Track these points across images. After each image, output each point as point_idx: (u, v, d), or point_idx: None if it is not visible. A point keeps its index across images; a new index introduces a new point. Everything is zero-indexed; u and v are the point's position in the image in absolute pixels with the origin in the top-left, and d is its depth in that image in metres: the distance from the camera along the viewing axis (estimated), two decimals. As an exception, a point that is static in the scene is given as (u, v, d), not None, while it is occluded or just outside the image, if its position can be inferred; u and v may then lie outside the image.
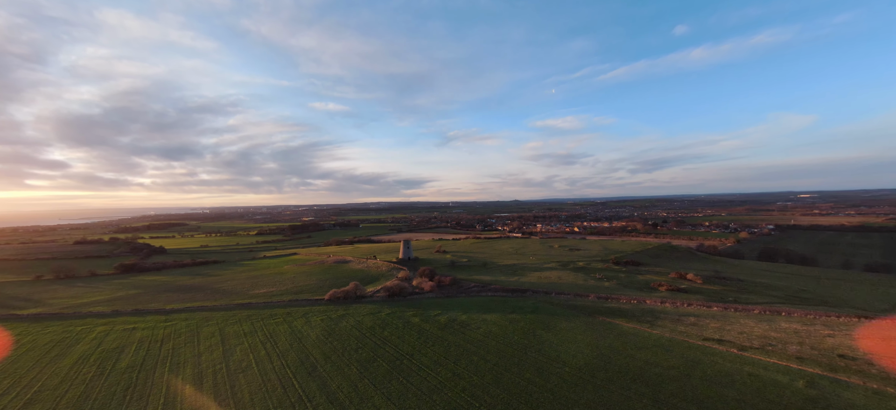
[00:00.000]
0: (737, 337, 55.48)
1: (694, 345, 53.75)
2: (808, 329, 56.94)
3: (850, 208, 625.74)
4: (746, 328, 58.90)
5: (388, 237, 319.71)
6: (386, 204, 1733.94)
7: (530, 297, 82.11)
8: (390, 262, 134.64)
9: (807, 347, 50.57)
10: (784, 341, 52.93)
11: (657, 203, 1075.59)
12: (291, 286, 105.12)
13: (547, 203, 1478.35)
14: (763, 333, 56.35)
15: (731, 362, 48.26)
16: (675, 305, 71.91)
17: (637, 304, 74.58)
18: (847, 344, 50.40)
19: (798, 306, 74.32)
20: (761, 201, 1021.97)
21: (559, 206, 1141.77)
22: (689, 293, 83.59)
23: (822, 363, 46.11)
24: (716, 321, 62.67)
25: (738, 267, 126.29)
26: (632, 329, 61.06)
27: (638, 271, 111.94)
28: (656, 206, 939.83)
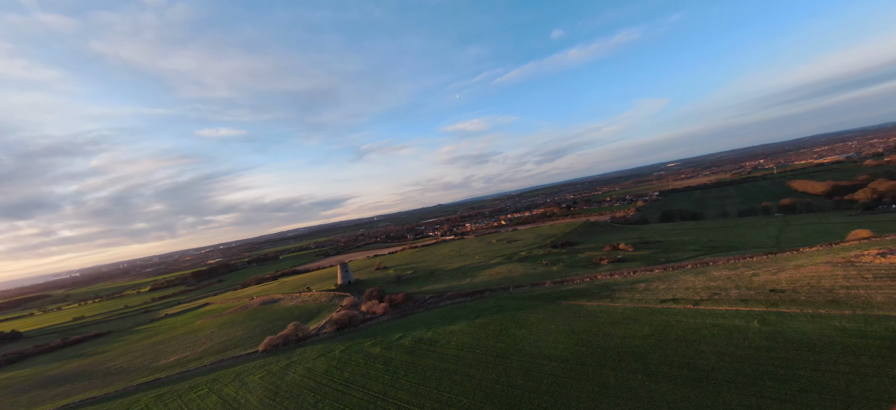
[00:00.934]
0: (685, 293, 59.74)
1: (656, 309, 56.26)
2: (736, 273, 63.99)
3: (705, 169, 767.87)
4: (689, 283, 64.00)
5: (316, 265, 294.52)
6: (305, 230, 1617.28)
7: (490, 297, 79.70)
8: (329, 290, 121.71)
9: (743, 289, 56.28)
10: (724, 288, 58.35)
11: (563, 188, 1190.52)
12: (211, 345, 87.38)
13: (469, 203, 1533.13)
14: (704, 285, 61.60)
15: (692, 318, 51.22)
16: (623, 275, 75.89)
17: (590, 282, 77.05)
18: (772, 280, 57.36)
19: (716, 254, 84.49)
20: (641, 174, 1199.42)
21: (480, 204, 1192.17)
22: (627, 261, 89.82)
23: (762, 301, 51.44)
24: (662, 282, 67.16)
25: (652, 230, 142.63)
26: (596, 307, 62.07)
27: (575, 250, 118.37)
28: (563, 190, 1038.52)
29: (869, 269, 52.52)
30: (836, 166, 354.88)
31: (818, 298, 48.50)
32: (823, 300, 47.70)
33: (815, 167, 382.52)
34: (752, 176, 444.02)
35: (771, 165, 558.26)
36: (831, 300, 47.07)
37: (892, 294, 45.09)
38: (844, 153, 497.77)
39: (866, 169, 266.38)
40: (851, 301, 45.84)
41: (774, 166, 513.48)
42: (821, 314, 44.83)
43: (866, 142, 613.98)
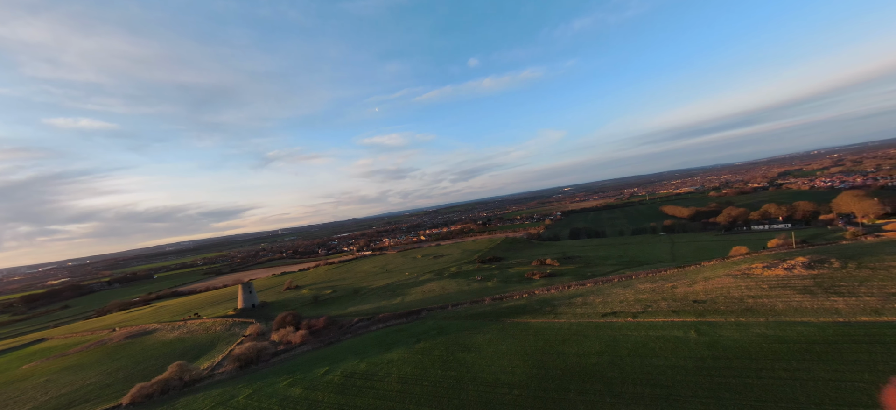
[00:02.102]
0: (621, 306, 61.84)
1: (600, 324, 56.63)
2: (658, 286, 69.00)
3: (594, 194, 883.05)
4: (621, 296, 66.84)
5: (206, 285, 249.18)
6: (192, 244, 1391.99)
7: (427, 317, 73.34)
8: (227, 317, 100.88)
9: (670, 301, 60.24)
10: (653, 300, 61.87)
11: (476, 206, 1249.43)
12: (45, 400, 63.35)
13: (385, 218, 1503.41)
14: (635, 298, 64.78)
15: (635, 330, 52.38)
16: (559, 290, 76.81)
17: (529, 297, 76.22)
18: (690, 291, 62.65)
19: (632, 268, 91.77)
20: (544, 196, 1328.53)
21: (397, 219, 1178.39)
22: (558, 276, 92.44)
23: (690, 311, 55.24)
24: (597, 296, 69.13)
25: (569, 246, 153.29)
26: (542, 324, 60.46)
27: (505, 265, 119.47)
28: (476, 208, 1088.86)
29: (763, 280, 60.67)
30: (690, 196, 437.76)
31: (734, 307, 53.79)
32: (739, 309, 52.99)
33: (677, 196, 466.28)
34: (631, 201, 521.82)
35: (643, 192, 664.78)
36: (746, 309, 52.47)
37: (788, 302, 52.12)
38: (693, 186, 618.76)
39: (711, 199, 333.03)
40: (761, 310, 51.66)
41: (646, 194, 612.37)
42: (742, 322, 49.35)
43: (706, 177, 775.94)
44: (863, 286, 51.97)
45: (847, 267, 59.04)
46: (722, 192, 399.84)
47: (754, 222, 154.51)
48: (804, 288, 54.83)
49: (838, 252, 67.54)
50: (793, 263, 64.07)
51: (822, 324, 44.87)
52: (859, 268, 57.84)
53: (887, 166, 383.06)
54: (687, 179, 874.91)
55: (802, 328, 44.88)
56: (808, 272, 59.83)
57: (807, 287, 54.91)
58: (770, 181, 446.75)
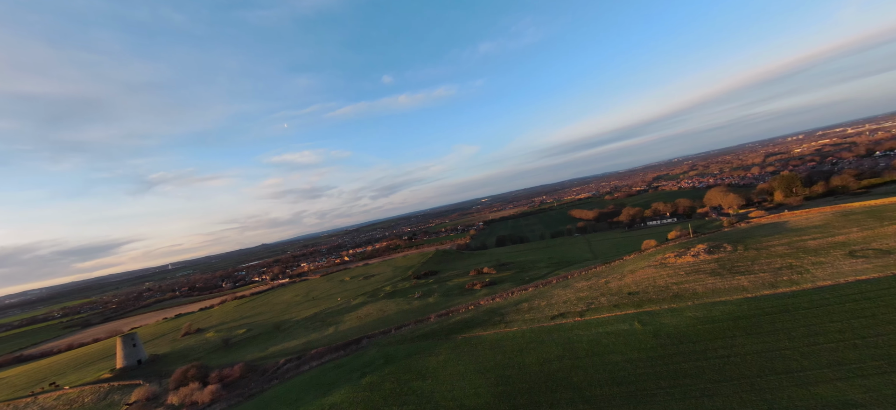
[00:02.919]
0: (567, 307, 63.21)
1: (552, 327, 56.67)
2: (593, 283, 72.70)
3: (509, 204, 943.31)
4: (564, 296, 68.63)
5: (67, 342, 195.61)
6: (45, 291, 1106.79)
7: (369, 346, 66.22)
8: (101, 382, 78.62)
9: (609, 295, 63.41)
10: (594, 296, 64.55)
11: (399, 221, 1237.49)
12: None
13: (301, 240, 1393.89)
14: (576, 296, 67.00)
15: (585, 329, 53.38)
16: (503, 297, 76.29)
17: (475, 309, 74.09)
18: (623, 284, 66.95)
19: (564, 268, 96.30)
20: (464, 208, 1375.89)
21: (315, 240, 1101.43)
22: (498, 283, 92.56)
23: (628, 303, 58.54)
24: (541, 299, 69.99)
25: (499, 253, 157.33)
26: (495, 336, 58.43)
27: (442, 278, 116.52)
28: (399, 224, 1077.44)
29: (679, 267, 67.74)
30: (589, 200, 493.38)
31: (664, 295, 58.54)
32: (668, 295, 57.78)
33: (580, 201, 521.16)
34: (543, 208, 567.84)
35: (551, 200, 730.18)
36: (674, 295, 57.40)
37: (705, 284, 58.55)
38: (590, 192, 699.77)
39: (608, 202, 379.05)
40: (686, 294, 57.01)
41: (554, 201, 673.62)
42: (674, 307, 53.62)
43: (599, 184, 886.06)
44: (755, 265, 61.00)
45: (737, 250, 69.14)
46: (614, 195, 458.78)
47: (649, 218, 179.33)
48: (713, 271, 62.37)
49: (726, 238, 79.30)
50: (696, 250, 72.97)
51: (737, 301, 50.82)
52: (747, 250, 68.15)
53: (727, 169, 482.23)
54: (584, 186, 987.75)
55: (723, 307, 50.25)
56: (711, 257, 68.58)
57: (714, 270, 62.56)
58: (648, 184, 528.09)
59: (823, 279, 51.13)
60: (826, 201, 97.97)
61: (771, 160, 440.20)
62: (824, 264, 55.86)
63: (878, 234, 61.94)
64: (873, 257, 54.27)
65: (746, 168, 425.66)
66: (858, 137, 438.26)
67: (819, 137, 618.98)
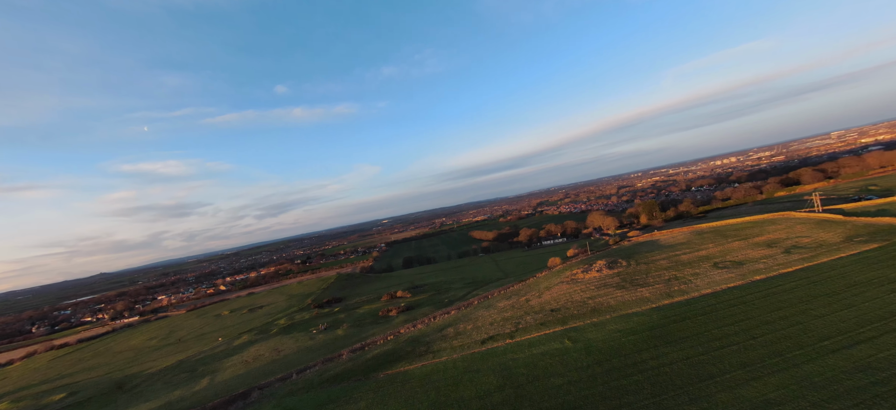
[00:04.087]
0: (494, 329, 60.75)
1: (484, 353, 53.02)
2: (514, 302, 72.50)
3: (411, 225, 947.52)
4: (489, 318, 66.33)
5: None
6: None
7: (262, 401, 52.89)
8: None
9: (533, 314, 63.27)
10: (519, 316, 63.69)
11: (290, 244, 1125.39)
12: None
13: (159, 267, 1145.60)
14: (502, 317, 65.36)
15: (519, 352, 51.17)
16: (425, 323, 70.52)
17: (395, 339, 66.39)
18: (543, 302, 67.94)
19: (481, 288, 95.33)
20: (363, 230, 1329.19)
21: (180, 267, 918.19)
22: (416, 308, 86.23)
23: (553, 320, 58.85)
24: (466, 322, 66.41)
25: (411, 275, 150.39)
26: (424, 371, 52.03)
27: (350, 305, 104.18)
28: (290, 246, 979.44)
29: (588, 282, 72.15)
30: (486, 222, 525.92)
31: (583, 309, 60.70)
32: (588, 310, 60.05)
33: (477, 223, 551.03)
34: (443, 229, 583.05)
35: (451, 221, 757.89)
36: (592, 310, 59.88)
37: (616, 297, 62.81)
38: (486, 215, 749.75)
39: (503, 224, 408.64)
40: (602, 308, 60.04)
41: (454, 223, 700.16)
42: (596, 321, 55.57)
43: (493, 208, 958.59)
44: (649, 277, 68.41)
45: (631, 265, 77.30)
46: (507, 218, 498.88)
47: (543, 238, 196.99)
48: (618, 285, 67.80)
49: (619, 254, 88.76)
50: (599, 265, 79.35)
51: (646, 312, 55.12)
52: (639, 264, 76.64)
53: (592, 197, 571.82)
54: (480, 209, 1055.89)
55: (637, 318, 53.86)
56: (613, 272, 75.06)
57: (619, 284, 68.11)
58: (534, 209, 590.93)
59: (704, 288, 59.30)
60: (680, 223, 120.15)
61: (622, 191, 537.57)
62: (700, 274, 65.38)
63: (727, 248, 75.99)
64: (732, 267, 65.68)
65: (606, 197, 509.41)
66: (678, 176, 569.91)
67: (652, 175, 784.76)
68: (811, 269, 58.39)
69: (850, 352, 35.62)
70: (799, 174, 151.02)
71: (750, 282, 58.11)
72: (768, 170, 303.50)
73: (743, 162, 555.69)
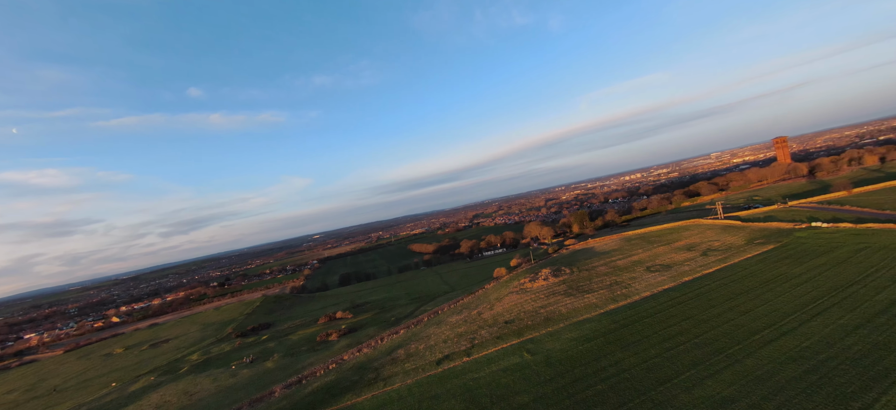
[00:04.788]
0: (449, 347, 57.36)
1: (441, 375, 49.22)
2: (466, 315, 70.00)
3: (345, 240, 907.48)
4: (441, 335, 62.77)
5: None
6: None
7: (172, 456, 42.62)
8: None
9: (487, 328, 61.26)
10: (473, 331, 61.19)
11: (205, 264, 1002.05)
12: None
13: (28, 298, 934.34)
14: (455, 333, 62.29)
15: (479, 370, 48.33)
16: (371, 346, 64.55)
17: (338, 367, 59.42)
18: (496, 314, 66.43)
19: (428, 303, 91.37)
20: (292, 246, 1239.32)
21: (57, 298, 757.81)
22: (360, 329, 79.26)
23: (509, 333, 57.30)
24: (417, 342, 62.08)
25: (348, 293, 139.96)
26: (375, 402, 46.59)
27: (281, 331, 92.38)
28: (205, 267, 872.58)
29: (537, 291, 72.57)
30: (424, 235, 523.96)
31: (537, 319, 60.24)
32: (541, 319, 59.69)
33: (415, 236, 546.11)
34: (381, 243, 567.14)
35: (387, 235, 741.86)
36: (545, 319, 59.65)
37: (566, 304, 63.56)
38: (423, 227, 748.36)
39: (442, 236, 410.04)
40: (554, 317, 60.15)
41: (391, 236, 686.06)
42: (551, 331, 55.16)
43: (430, 221, 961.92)
44: (593, 283, 70.95)
45: (574, 272, 79.91)
46: (445, 230, 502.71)
47: (484, 249, 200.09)
48: (566, 292, 69.12)
49: (561, 262, 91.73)
50: (544, 274, 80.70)
51: (596, 318, 56.30)
52: (581, 271, 79.51)
53: (524, 209, 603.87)
54: (417, 222, 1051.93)
55: (589, 324, 54.64)
56: (558, 280, 76.71)
57: (566, 291, 69.48)
58: (470, 221, 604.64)
59: (643, 291, 62.82)
60: (609, 231, 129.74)
61: (550, 203, 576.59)
62: (636, 278, 69.49)
63: (655, 253, 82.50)
64: (662, 270, 70.97)
65: (537, 209, 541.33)
66: (596, 190, 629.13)
67: (574, 189, 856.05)
68: (727, 269, 65.29)
69: (779, 344, 38.96)
70: (698, 187, 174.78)
71: (681, 283, 63.02)
72: (668, 184, 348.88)
73: (646, 178, 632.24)
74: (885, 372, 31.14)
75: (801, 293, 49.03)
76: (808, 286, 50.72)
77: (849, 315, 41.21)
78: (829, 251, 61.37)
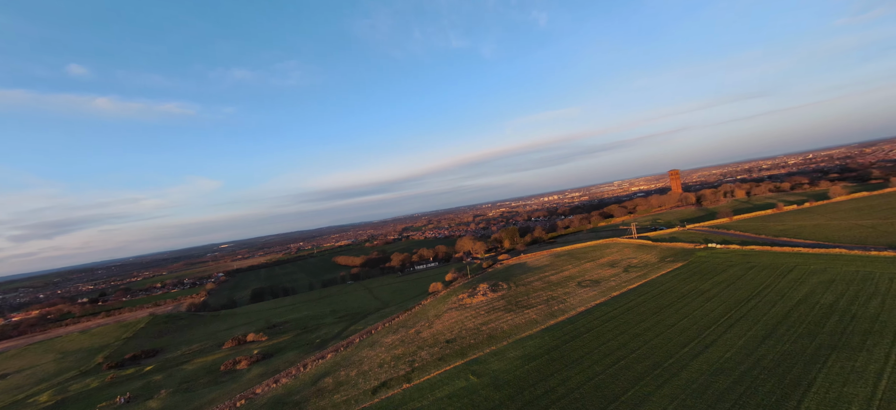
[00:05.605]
0: (386, 372, 51.73)
1: (377, 407, 43.41)
2: (403, 335, 64.84)
3: (259, 251, 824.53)
4: (377, 358, 56.77)
5: None
6: None
7: None
8: None
9: (427, 348, 56.95)
10: (412, 352, 56.38)
11: (72, 276, 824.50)
12: None
13: None
14: (392, 355, 56.83)
15: (422, 398, 43.66)
16: (292, 374, 55.77)
17: (248, 403, 49.72)
18: (436, 332, 62.53)
19: (359, 321, 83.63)
20: (194, 256, 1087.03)
21: None
22: (278, 354, 68.57)
23: (451, 354, 53.65)
24: (348, 368, 55.18)
25: (262, 311, 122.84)
26: (297, 441, 38.85)
27: (172, 360, 75.75)
28: (72, 280, 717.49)
29: (477, 307, 70.56)
30: (350, 247, 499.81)
31: (479, 337, 57.67)
32: (484, 337, 57.26)
33: (341, 248, 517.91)
34: (301, 255, 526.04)
35: (309, 246, 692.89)
36: (488, 337, 57.38)
37: (507, 321, 62.23)
38: (350, 239, 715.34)
39: (370, 249, 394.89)
40: (497, 334, 58.21)
41: (313, 248, 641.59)
42: (495, 350, 52.88)
43: (357, 232, 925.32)
44: (531, 299, 71.33)
45: (512, 288, 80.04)
46: (374, 243, 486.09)
47: (416, 263, 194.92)
48: (505, 308, 68.19)
49: (497, 277, 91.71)
50: (483, 289, 79.46)
51: (538, 334, 55.72)
52: (518, 286, 79.94)
53: (453, 224, 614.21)
54: (343, 233, 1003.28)
55: (532, 341, 53.70)
56: (497, 295, 75.88)
57: (506, 307, 68.61)
58: (400, 234, 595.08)
59: (579, 306, 64.59)
60: (538, 248, 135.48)
61: (478, 219, 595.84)
62: (570, 293, 71.65)
63: (583, 269, 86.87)
64: (592, 285, 74.40)
65: (465, 224, 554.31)
66: (520, 208, 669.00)
67: (499, 206, 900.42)
68: (648, 284, 70.69)
69: (706, 356, 41.57)
70: (611, 210, 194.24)
71: (610, 298, 66.28)
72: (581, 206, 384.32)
73: (563, 199, 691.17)
74: (797, 380, 34.33)
75: (713, 307, 54.18)
76: (716, 301, 56.39)
77: (755, 327, 46.00)
78: (726, 269, 70.03)
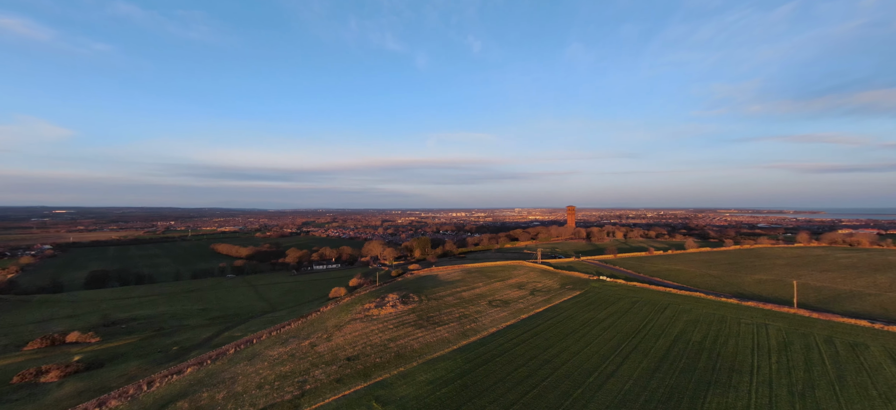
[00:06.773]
0: (267, 396, 42.20)
1: (251, 440, 34.02)
2: (293, 348, 55.14)
3: (111, 224, 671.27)
4: (256, 376, 46.41)
5: None
6: None
7: None
8: None
9: (322, 366, 48.77)
10: (303, 370, 47.57)
11: None
12: None
13: None
14: (278, 374, 47.19)
15: (310, 430, 35.69)
16: (129, 395, 41.95)
17: (49, 436, 34.93)
18: (333, 346, 54.45)
19: (237, 325, 69.50)
20: (10, 217, 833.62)
21: None
22: (109, 364, 51.42)
23: (352, 375, 46.44)
24: (216, 388, 43.79)
25: (100, 302, 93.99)
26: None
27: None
28: None
29: (385, 320, 64.39)
30: (236, 235, 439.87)
31: (387, 355, 51.56)
32: (392, 356, 51.32)
33: (223, 234, 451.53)
34: (170, 236, 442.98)
35: (183, 227, 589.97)
36: (396, 355, 51.63)
37: (417, 338, 57.30)
38: (236, 226, 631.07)
39: (262, 240, 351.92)
40: (405, 353, 52.83)
41: (188, 229, 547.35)
42: (403, 371, 47.39)
43: (247, 219, 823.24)
44: (443, 315, 68.00)
45: (423, 301, 75.95)
46: (266, 234, 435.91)
47: (316, 262, 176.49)
48: (416, 323, 63.48)
49: (407, 287, 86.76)
50: (392, 299, 73.78)
51: (450, 354, 52.14)
52: (430, 300, 76.19)
53: (359, 226, 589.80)
54: (229, 218, 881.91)
55: (444, 363, 49.77)
56: (407, 308, 70.89)
57: (417, 322, 63.95)
58: (298, 228, 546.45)
59: (490, 327, 63.39)
60: (448, 261, 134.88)
61: (386, 224, 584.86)
62: (482, 312, 70.55)
63: (493, 288, 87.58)
64: (503, 306, 74.67)
65: (373, 228, 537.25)
66: (429, 219, 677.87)
67: (409, 215, 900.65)
68: (552, 309, 73.60)
69: (609, 386, 42.84)
70: (517, 234, 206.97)
71: (520, 320, 66.81)
72: (486, 226, 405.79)
73: (470, 217, 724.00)
74: (687, 415, 36.77)
75: (610, 337, 57.86)
76: (612, 331, 60.57)
77: (646, 360, 49.71)
78: (617, 301, 77.07)
